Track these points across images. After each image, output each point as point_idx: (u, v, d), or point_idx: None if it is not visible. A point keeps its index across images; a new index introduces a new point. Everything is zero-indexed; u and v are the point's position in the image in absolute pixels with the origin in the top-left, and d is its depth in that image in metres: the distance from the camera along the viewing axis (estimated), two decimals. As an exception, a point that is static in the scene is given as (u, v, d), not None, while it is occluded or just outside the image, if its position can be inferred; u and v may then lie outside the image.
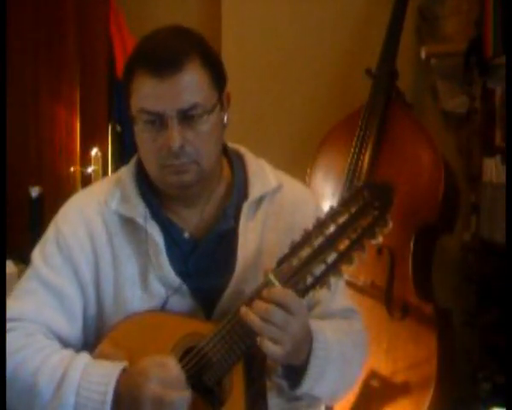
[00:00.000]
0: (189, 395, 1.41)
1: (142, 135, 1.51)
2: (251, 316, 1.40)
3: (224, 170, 1.63)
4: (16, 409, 1.49)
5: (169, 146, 1.47)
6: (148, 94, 1.47)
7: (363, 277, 2.68)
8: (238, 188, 1.60)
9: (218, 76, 1.53)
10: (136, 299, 1.54)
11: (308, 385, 1.49)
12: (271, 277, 1.41)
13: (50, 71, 3.16)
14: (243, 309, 1.41)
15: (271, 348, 1.39)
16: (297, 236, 1.42)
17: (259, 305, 1.40)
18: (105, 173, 3.04)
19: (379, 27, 2.91)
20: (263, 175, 1.62)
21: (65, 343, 1.54)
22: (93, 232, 1.57)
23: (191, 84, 1.47)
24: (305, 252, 1.40)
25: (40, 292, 1.54)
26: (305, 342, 1.46)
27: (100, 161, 3.05)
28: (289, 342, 1.41)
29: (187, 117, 1.47)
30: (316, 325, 1.50)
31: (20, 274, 1.64)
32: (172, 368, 1.42)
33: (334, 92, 3.17)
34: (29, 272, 1.59)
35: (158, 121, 1.48)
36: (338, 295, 1.63)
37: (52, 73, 3.16)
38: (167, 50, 1.47)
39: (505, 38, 2.63)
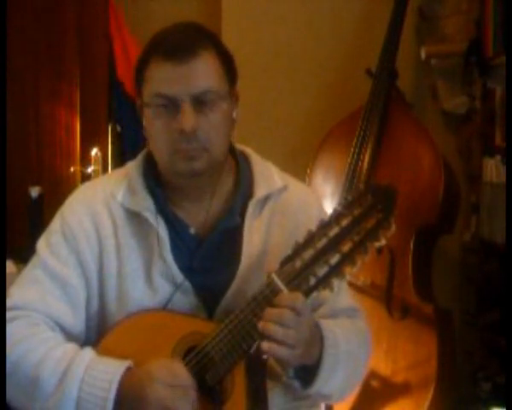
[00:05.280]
0: (196, 399, 1.41)
1: (155, 121, 1.52)
2: (266, 324, 1.39)
3: (230, 167, 1.63)
4: (17, 400, 1.48)
5: (182, 129, 1.47)
6: (162, 78, 1.48)
7: (363, 277, 2.67)
8: (244, 186, 1.60)
9: (230, 70, 1.55)
10: (139, 293, 1.54)
11: (320, 383, 1.49)
12: (275, 277, 1.42)
13: (50, 71, 3.16)
14: (261, 323, 1.40)
15: (286, 353, 1.40)
16: (301, 236, 1.42)
17: (272, 311, 1.40)
18: (105, 173, 3.04)
19: (379, 27, 2.92)
20: (269, 175, 1.63)
21: (68, 334, 1.53)
22: (98, 223, 1.57)
23: (205, 69, 1.49)
24: (309, 253, 1.40)
25: (45, 281, 1.54)
26: (315, 341, 1.47)
27: (100, 161, 3.05)
28: (302, 343, 1.42)
29: (200, 102, 1.48)
30: (324, 324, 1.51)
31: (19, 274, 1.62)
32: (180, 371, 1.42)
33: (334, 92, 3.18)
34: (34, 260, 1.58)
35: (171, 105, 1.48)
36: (342, 294, 1.64)
37: (52, 74, 3.16)
38: (183, 37, 1.50)
39: (505, 38, 2.63)
